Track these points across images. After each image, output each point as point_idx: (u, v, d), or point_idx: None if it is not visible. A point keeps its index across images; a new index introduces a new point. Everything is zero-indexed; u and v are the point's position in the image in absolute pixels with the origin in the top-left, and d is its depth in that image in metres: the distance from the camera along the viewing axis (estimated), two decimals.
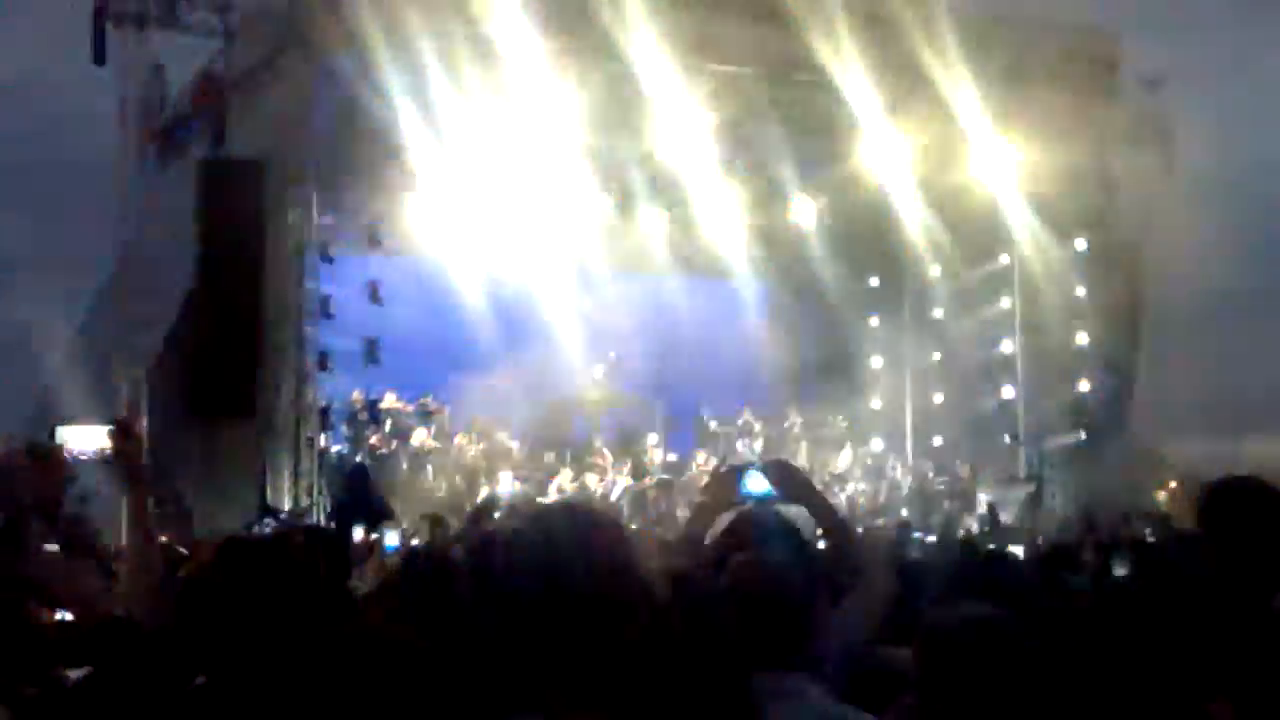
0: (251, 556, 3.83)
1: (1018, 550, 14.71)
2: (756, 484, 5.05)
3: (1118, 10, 25.51)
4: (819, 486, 5.81)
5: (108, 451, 4.64)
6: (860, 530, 15.82)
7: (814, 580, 4.42)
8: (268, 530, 15.31)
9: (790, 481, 5.03)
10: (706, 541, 4.76)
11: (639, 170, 23.86)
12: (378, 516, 17.17)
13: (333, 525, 18.89)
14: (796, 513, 5.00)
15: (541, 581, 2.87)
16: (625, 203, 24.98)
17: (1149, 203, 24.93)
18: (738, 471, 5.03)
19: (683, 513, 22.08)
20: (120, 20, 20.07)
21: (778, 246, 26.87)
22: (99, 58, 20.01)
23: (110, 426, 4.69)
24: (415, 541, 13.94)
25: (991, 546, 13.94)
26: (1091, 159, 24.35)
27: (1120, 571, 9.50)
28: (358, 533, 15.11)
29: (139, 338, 19.67)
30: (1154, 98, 24.79)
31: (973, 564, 8.69)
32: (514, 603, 2.90)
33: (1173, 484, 24.37)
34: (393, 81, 20.08)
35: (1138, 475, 23.96)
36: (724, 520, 4.78)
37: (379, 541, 14.22)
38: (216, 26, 20.43)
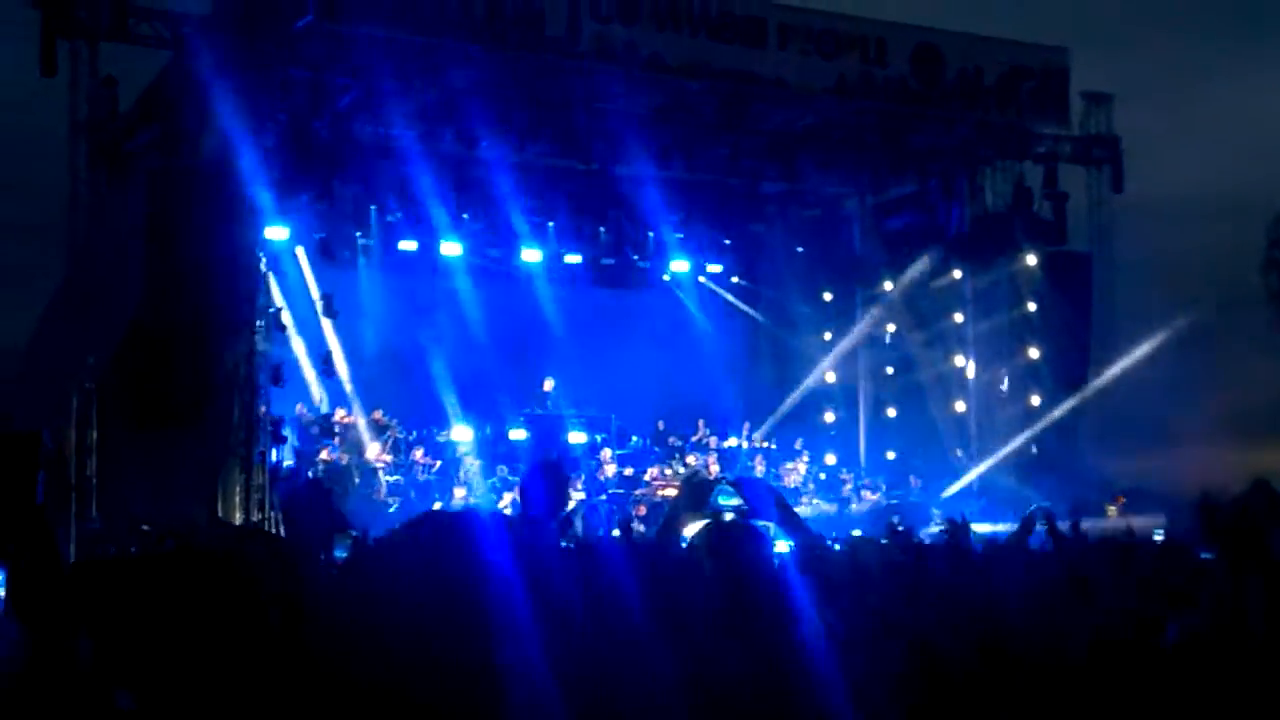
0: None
1: None
2: (726, 499, 5.07)
3: (1068, 26, 25.76)
4: None
5: None
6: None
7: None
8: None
9: (760, 497, 5.05)
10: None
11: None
12: (334, 528, 17.09)
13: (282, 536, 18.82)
14: (764, 527, 5.02)
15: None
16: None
17: (1099, 217, 25.23)
18: (710, 485, 5.04)
19: (639, 526, 22.05)
20: (69, 32, 19.93)
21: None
22: (48, 70, 19.85)
23: None
24: None
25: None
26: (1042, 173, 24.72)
27: None
28: None
29: (89, 349, 19.47)
30: (1103, 113, 25.06)
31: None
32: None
33: (1122, 499, 24.54)
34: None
35: (1087, 490, 24.13)
36: (694, 528, 4.78)
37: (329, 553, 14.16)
38: (166, 38, 20.30)
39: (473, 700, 3.44)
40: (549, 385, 25.32)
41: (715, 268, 27.06)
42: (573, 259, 25.97)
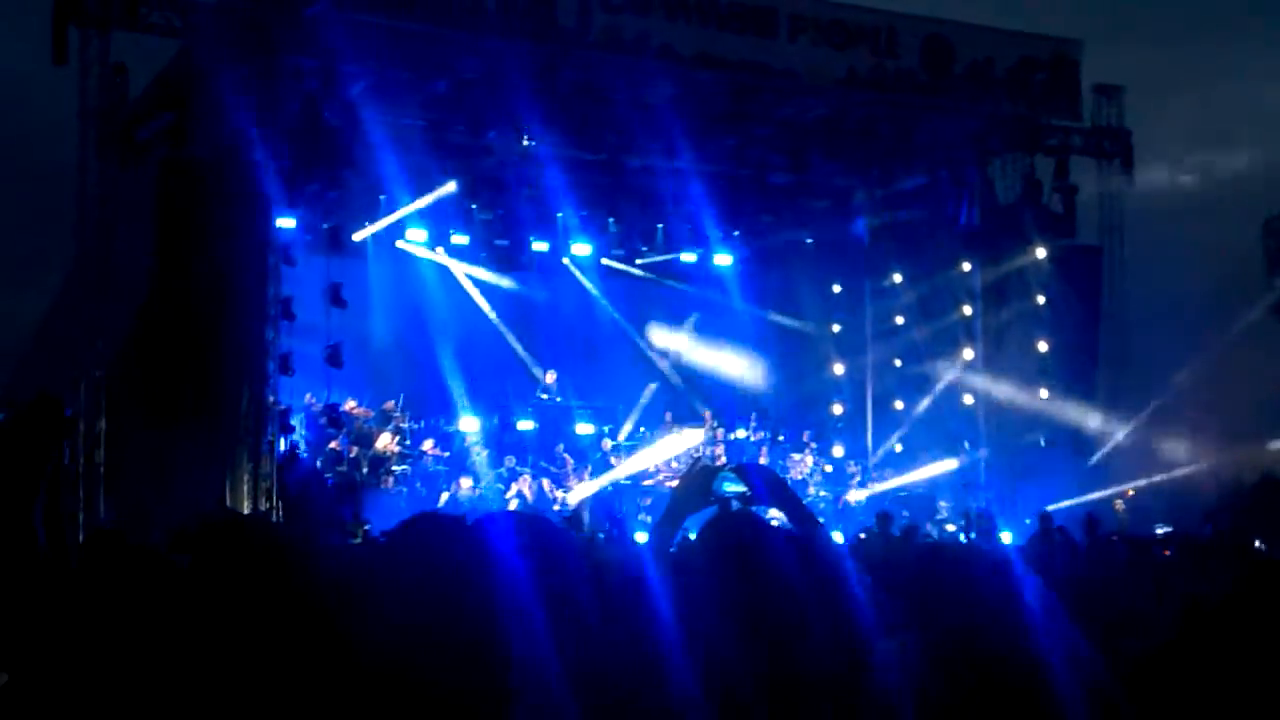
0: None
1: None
2: (731, 485, 5.04)
3: (1079, 20, 25.68)
4: None
5: None
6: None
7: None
8: None
9: (766, 484, 5.01)
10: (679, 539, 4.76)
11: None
12: (342, 518, 17.12)
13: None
14: (771, 516, 4.99)
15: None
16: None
17: (1109, 211, 25.18)
18: (712, 473, 5.00)
19: (645, 516, 22.10)
20: (81, 20, 19.93)
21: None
22: (60, 57, 19.86)
23: None
24: None
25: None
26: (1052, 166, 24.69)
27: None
28: None
29: (98, 338, 19.51)
30: (1114, 106, 24.98)
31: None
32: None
33: (1130, 492, 24.52)
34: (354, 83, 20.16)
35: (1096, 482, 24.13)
36: (701, 518, 4.74)
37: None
38: (177, 26, 20.30)
39: (483, 696, 3.44)
40: (550, 377, 25.34)
41: (725, 258, 26.97)
42: (582, 249, 25.93)
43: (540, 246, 25.87)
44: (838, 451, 26.99)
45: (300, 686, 3.40)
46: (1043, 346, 25.08)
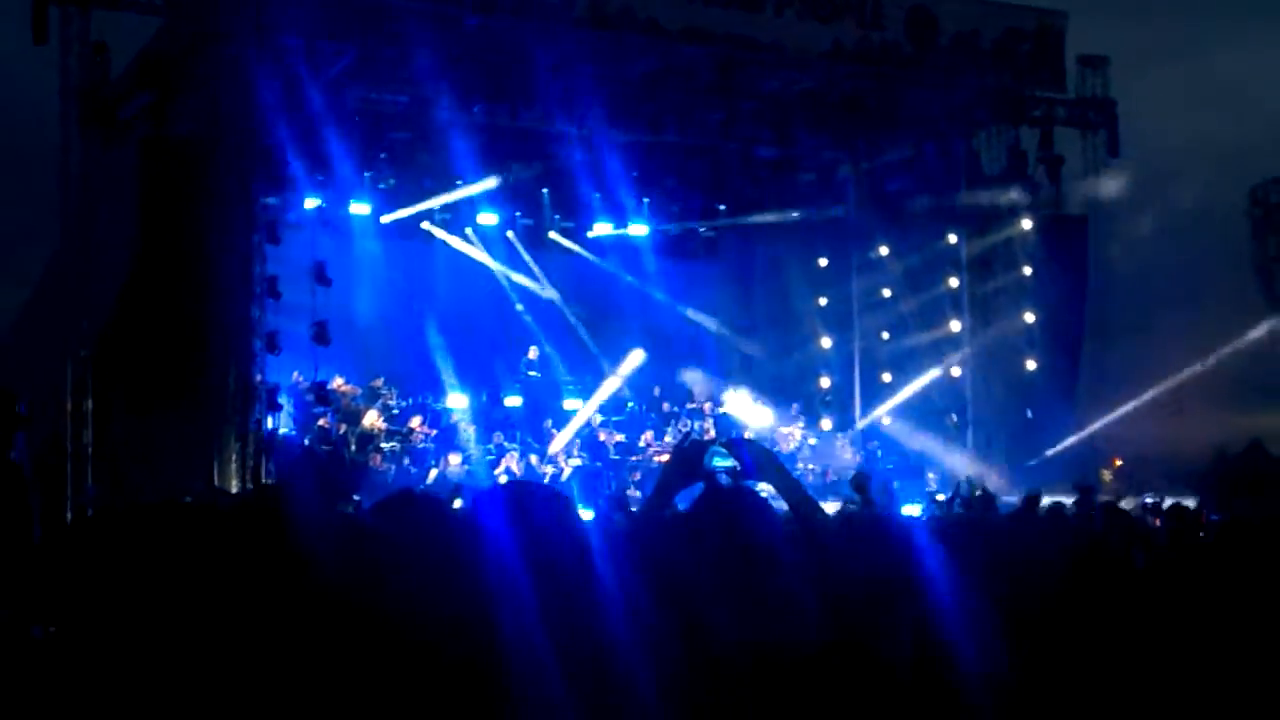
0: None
1: None
2: (721, 460, 5.06)
3: None
4: None
5: None
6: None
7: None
8: None
9: (755, 458, 5.02)
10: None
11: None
12: (334, 494, 17.06)
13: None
14: (761, 489, 4.99)
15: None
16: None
17: (1094, 182, 25.17)
18: (703, 447, 5.01)
19: (634, 491, 22.11)
20: None
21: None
22: (40, 36, 19.74)
23: None
24: None
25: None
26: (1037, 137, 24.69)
27: None
28: None
29: (84, 318, 19.43)
30: (1099, 77, 24.96)
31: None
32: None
33: (1118, 461, 24.59)
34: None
35: (1082, 453, 24.18)
36: (691, 493, 4.75)
37: None
38: (158, 4, 20.19)
39: (472, 666, 3.44)
40: (534, 353, 25.35)
41: (709, 231, 26.95)
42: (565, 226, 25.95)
43: (526, 221, 25.95)
44: (826, 424, 27.00)
45: (289, 652, 3.40)
46: (1029, 317, 25.13)
